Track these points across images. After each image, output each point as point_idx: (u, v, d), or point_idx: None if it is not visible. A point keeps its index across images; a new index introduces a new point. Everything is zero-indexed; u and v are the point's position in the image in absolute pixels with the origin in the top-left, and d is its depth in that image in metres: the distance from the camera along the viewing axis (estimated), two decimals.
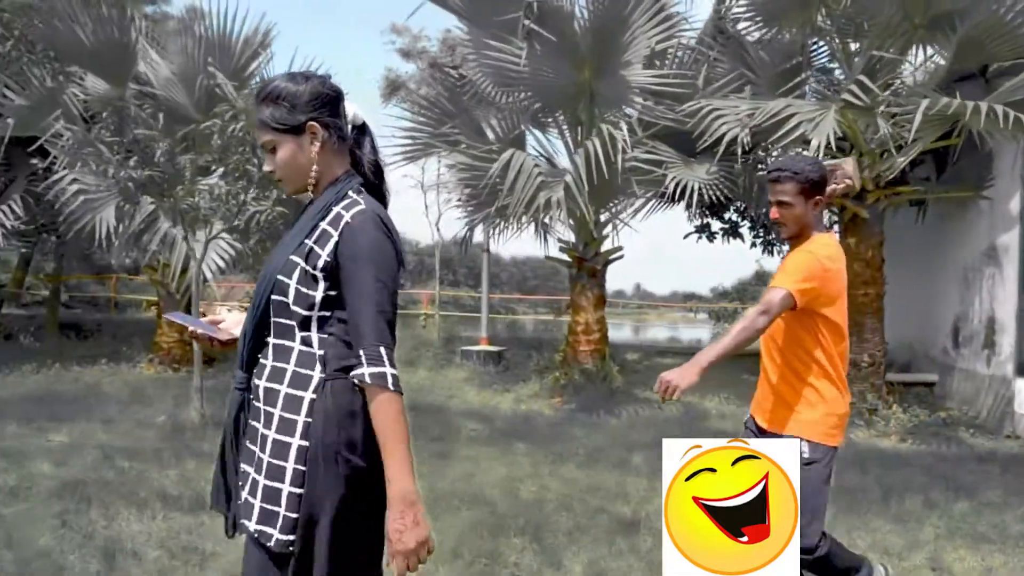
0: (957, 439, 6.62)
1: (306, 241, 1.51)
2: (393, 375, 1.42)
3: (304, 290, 1.49)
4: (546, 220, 8.61)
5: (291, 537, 1.45)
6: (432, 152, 8.41)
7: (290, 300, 1.50)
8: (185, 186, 5.41)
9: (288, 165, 1.55)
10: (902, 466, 5.54)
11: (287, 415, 1.47)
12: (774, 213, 2.45)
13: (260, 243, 5.82)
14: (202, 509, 3.72)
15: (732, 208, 9.89)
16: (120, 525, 3.48)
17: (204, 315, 1.81)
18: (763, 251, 10.34)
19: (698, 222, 9.99)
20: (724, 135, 6.49)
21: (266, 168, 1.61)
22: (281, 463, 1.46)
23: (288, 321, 1.52)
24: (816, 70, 7.82)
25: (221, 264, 7.96)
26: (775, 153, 6.87)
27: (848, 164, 2.92)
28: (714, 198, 7.43)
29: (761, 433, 2.47)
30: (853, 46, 7.04)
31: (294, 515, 1.44)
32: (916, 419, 7.21)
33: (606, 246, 8.57)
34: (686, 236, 9.98)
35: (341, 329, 1.49)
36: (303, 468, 1.45)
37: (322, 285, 1.49)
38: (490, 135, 8.25)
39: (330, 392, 1.46)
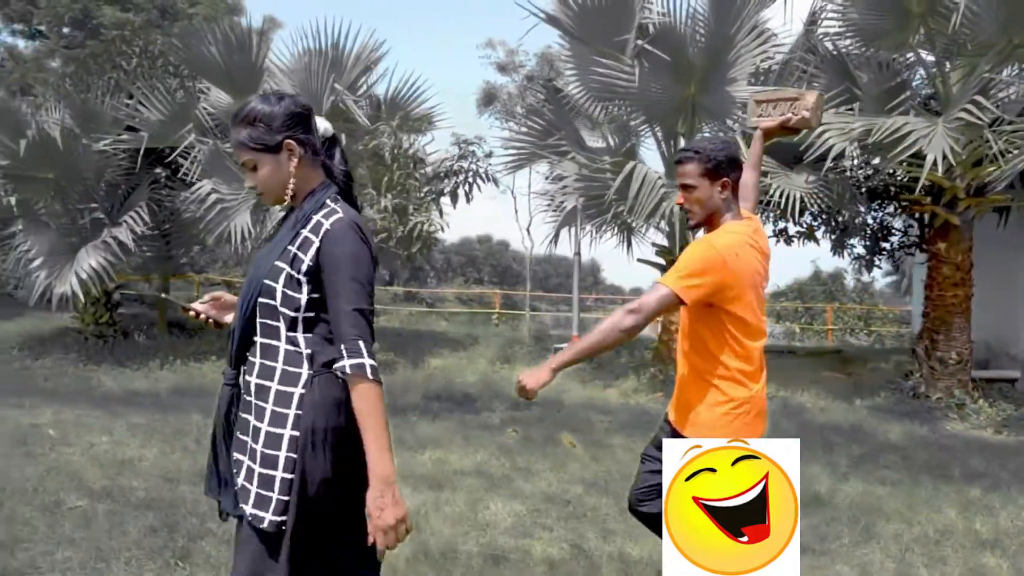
0: None
1: (290, 248, 1.61)
2: (372, 365, 1.53)
3: (290, 293, 1.60)
4: (633, 224, 9.14)
5: (283, 518, 1.57)
6: (537, 161, 8.94)
7: (277, 302, 1.60)
8: (360, 197, 5.92)
9: (268, 181, 1.67)
10: (1013, 455, 6.02)
11: (279, 409, 1.59)
12: (679, 198, 2.31)
13: (420, 250, 6.37)
14: (440, 486, 4.30)
15: (808, 213, 10.34)
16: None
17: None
18: (834, 253, 10.79)
19: (776, 226, 10.45)
20: (831, 147, 6.97)
21: (248, 184, 1.74)
22: (274, 452, 1.58)
23: (275, 322, 1.62)
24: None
25: None
26: (884, 165, 7.34)
27: (811, 96, 2.55)
28: (810, 205, 7.92)
29: (672, 431, 2.33)
30: (947, 64, 7.49)
31: (285, 498, 1.57)
32: (1004, 413, 7.67)
33: None
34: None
35: (325, 329, 1.61)
36: (294, 456, 1.57)
37: (306, 288, 1.60)
38: (593, 146, 8.78)
39: (317, 386, 1.58)
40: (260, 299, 1.63)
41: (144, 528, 3.38)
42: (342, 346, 1.54)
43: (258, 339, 1.65)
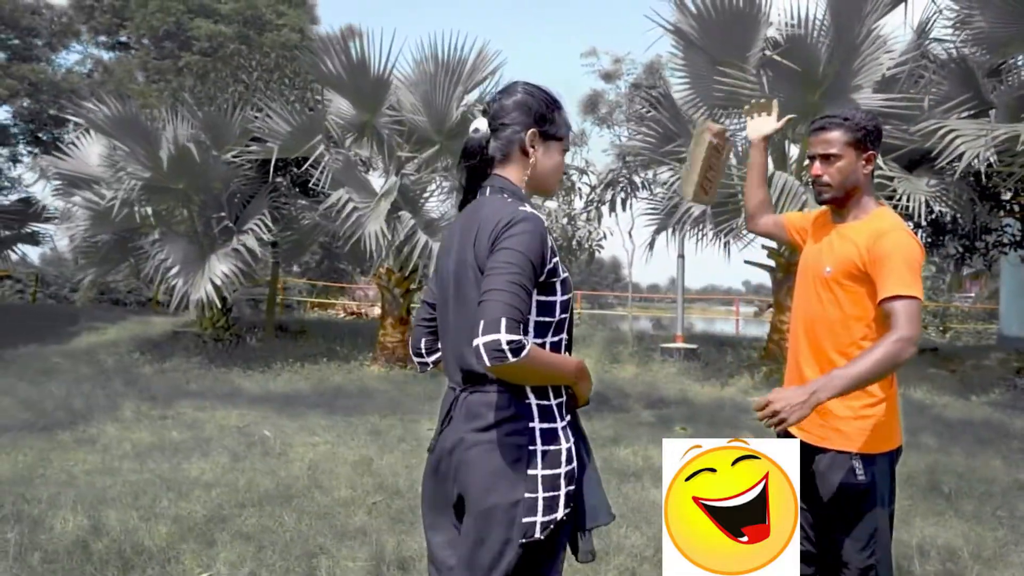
0: None
1: None
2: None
3: None
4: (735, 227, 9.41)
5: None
6: (655, 167, 9.24)
7: None
8: None
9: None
10: None
11: None
12: (816, 169, 2.05)
13: (586, 259, 6.68)
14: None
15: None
16: (632, 491, 4.36)
17: None
18: (928, 253, 11.02)
19: None
20: (963, 153, 7.21)
21: None
22: None
23: None
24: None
25: None
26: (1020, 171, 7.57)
27: (769, 102, 2.41)
28: (934, 208, 8.17)
29: (802, 447, 1.97)
30: None
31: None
32: None
33: None
34: None
35: None
36: None
37: None
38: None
39: None
40: None
41: None
42: None
43: None
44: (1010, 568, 3.28)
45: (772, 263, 9.42)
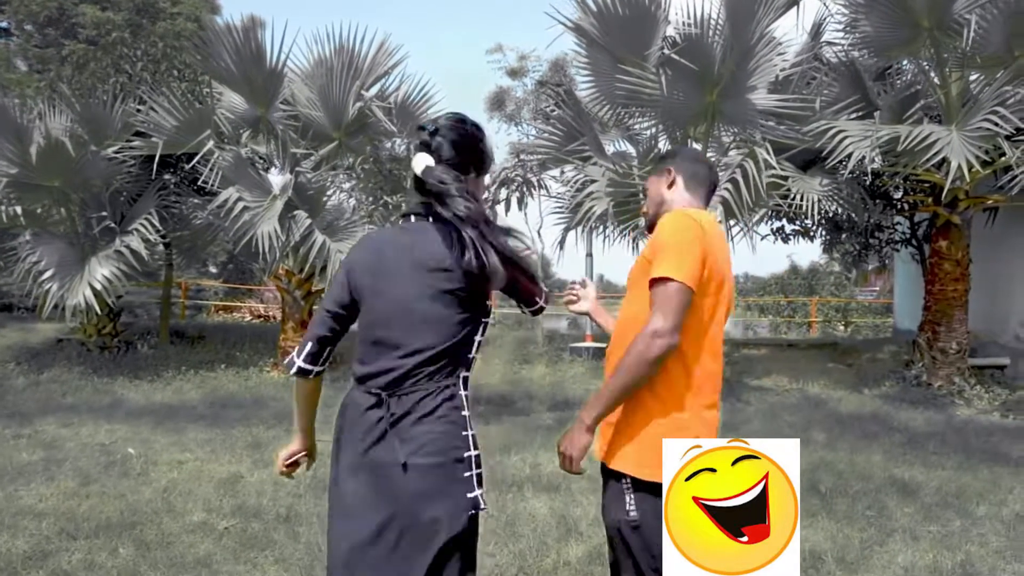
0: None
1: None
2: (289, 362, 1.80)
3: None
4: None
5: None
6: (559, 165, 9.14)
7: None
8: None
9: None
10: None
11: None
12: (642, 207, 2.18)
13: None
14: (556, 489, 4.46)
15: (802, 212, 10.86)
16: (510, 502, 4.20)
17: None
18: (825, 251, 11.38)
19: (772, 225, 10.95)
20: (851, 153, 7.39)
21: None
22: None
23: None
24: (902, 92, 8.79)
25: None
26: (904, 171, 7.80)
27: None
28: (827, 206, 8.36)
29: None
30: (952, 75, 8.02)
31: None
32: (999, 398, 8.31)
33: None
34: (764, 238, 10.97)
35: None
36: None
37: None
38: (609, 151, 9.03)
39: None
40: None
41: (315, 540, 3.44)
42: None
43: None
44: (871, 571, 3.27)
45: None
